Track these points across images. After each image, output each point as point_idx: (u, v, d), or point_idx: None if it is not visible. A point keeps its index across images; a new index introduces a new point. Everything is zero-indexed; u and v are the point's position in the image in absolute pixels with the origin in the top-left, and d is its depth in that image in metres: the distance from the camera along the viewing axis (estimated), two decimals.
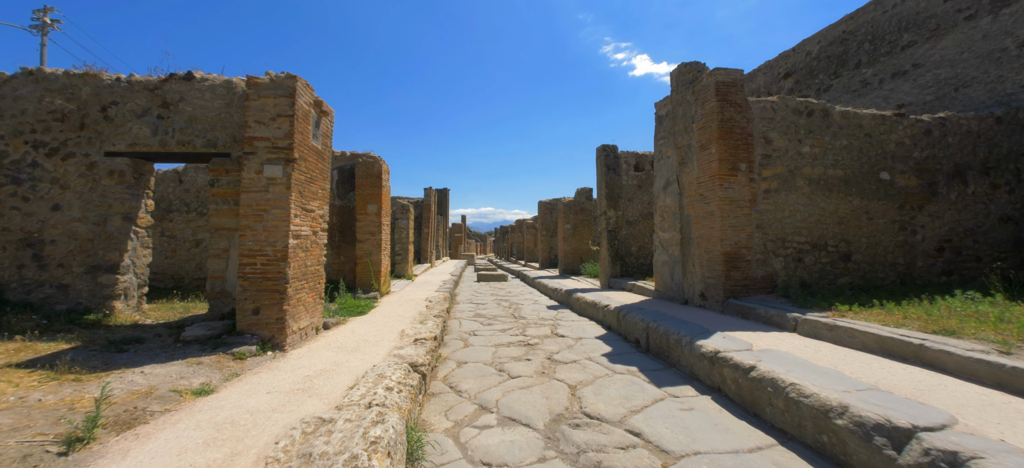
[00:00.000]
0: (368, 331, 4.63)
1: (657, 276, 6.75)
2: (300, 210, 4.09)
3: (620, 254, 9.00)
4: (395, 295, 7.65)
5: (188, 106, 4.43)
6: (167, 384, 2.85)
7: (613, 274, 8.88)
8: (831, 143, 5.56)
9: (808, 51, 10.13)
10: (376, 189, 7.44)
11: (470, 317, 6.81)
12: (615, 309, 5.61)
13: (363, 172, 7.42)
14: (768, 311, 4.40)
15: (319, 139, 4.54)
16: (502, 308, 7.73)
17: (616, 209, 9.09)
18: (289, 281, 3.87)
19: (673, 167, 6.31)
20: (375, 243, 7.40)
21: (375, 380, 2.82)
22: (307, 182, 4.24)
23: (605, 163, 9.12)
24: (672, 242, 6.32)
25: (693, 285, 5.76)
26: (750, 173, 5.30)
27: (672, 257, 6.32)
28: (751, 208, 5.28)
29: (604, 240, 9.10)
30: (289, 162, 3.89)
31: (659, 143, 6.79)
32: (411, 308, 6.18)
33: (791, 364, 3.04)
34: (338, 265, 7.71)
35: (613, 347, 4.68)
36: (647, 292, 7.07)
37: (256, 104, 3.90)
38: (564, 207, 13.12)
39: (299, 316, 4.09)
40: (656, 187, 6.87)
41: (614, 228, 9.06)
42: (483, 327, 5.99)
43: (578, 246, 13.07)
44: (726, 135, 5.23)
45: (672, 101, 6.28)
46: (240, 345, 3.65)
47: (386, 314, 5.69)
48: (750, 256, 5.23)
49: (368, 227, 7.39)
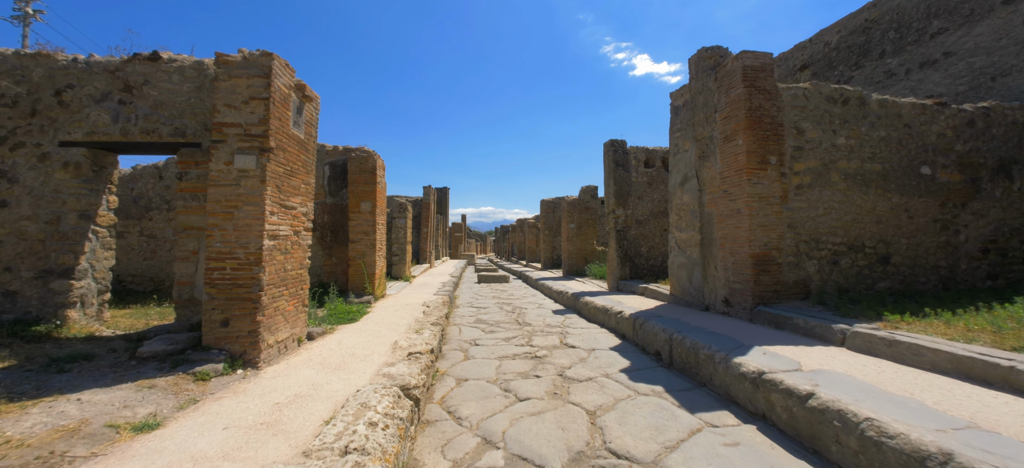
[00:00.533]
0: (357, 343, 4.13)
1: (673, 279, 6.25)
2: (278, 207, 3.59)
3: (629, 255, 8.50)
4: (391, 299, 7.15)
5: (153, 90, 3.93)
6: (104, 416, 2.35)
7: (622, 276, 8.38)
8: (868, 134, 5.06)
9: (826, 42, 9.62)
10: (370, 186, 6.93)
11: (471, 323, 6.31)
12: (630, 317, 5.10)
13: (356, 168, 6.92)
14: (808, 321, 3.90)
15: (301, 127, 4.03)
16: (505, 313, 7.23)
17: (625, 207, 8.59)
18: (264, 288, 3.37)
19: (692, 161, 5.81)
20: (369, 243, 6.90)
21: (356, 412, 2.32)
22: (287, 175, 3.74)
23: (613, 159, 8.62)
24: (690, 243, 5.82)
25: (715, 290, 5.25)
26: (780, 167, 4.80)
27: (690, 259, 5.82)
28: (782, 205, 4.78)
29: (612, 240, 8.60)
30: (264, 152, 3.39)
31: (675, 136, 6.28)
32: (407, 314, 5.68)
33: (857, 390, 2.54)
34: (330, 267, 7.21)
35: (631, 361, 4.18)
36: (661, 296, 6.57)
37: (226, 85, 3.40)
38: (568, 206, 12.62)
39: (277, 327, 3.59)
40: (672, 183, 6.37)
41: (623, 228, 8.56)
42: (485, 335, 5.49)
43: (583, 246, 12.57)
44: (754, 125, 4.73)
45: (690, 90, 5.78)
46: (205, 362, 3.15)
47: (379, 322, 5.19)
48: (781, 259, 4.73)
49: (362, 226, 6.89)
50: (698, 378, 3.59)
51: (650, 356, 4.37)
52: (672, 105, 6.41)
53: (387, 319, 5.35)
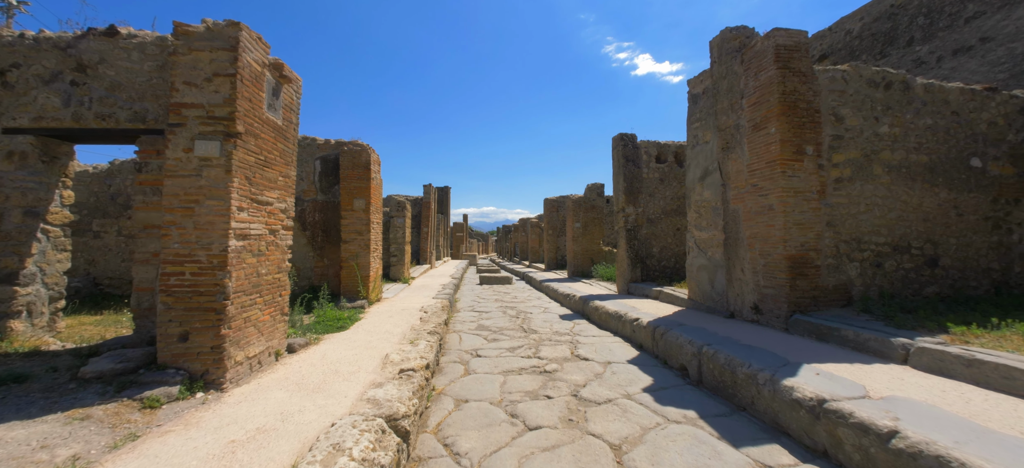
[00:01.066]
0: (343, 356, 3.64)
1: (691, 283, 5.74)
2: (248, 201, 3.11)
3: (640, 256, 8.00)
4: (387, 303, 6.67)
5: (110, 69, 3.45)
6: (10, 463, 1.87)
7: (632, 278, 7.88)
8: (913, 122, 4.55)
9: (848, 30, 9.09)
10: (364, 182, 6.45)
11: (472, 330, 5.82)
12: (649, 325, 4.60)
13: (349, 162, 6.44)
14: (859, 333, 3.39)
15: (279, 112, 3.55)
16: (508, 318, 6.74)
17: (635, 205, 8.09)
18: (230, 296, 2.88)
19: (713, 154, 5.30)
20: (363, 244, 6.41)
21: (326, 459, 1.83)
22: (260, 166, 3.25)
23: (623, 154, 8.12)
24: (712, 243, 5.31)
25: (742, 295, 4.75)
26: (818, 158, 4.29)
27: (712, 261, 5.31)
28: (820, 201, 4.27)
29: (622, 240, 8.10)
30: (230, 137, 2.91)
31: (693, 127, 5.78)
32: (402, 321, 5.19)
33: (951, 427, 2.04)
34: (321, 269, 6.73)
35: (654, 378, 3.68)
36: (678, 301, 6.06)
37: (186, 60, 2.91)
38: (573, 204, 12.12)
39: (247, 341, 3.11)
40: (690, 178, 5.86)
41: (633, 227, 8.06)
42: (488, 344, 5.00)
43: (589, 246, 12.07)
44: (789, 111, 4.22)
45: (712, 75, 5.27)
46: (158, 384, 2.67)
47: (371, 330, 4.71)
48: (819, 261, 4.22)
49: (354, 225, 6.41)
50: (735, 400, 3.09)
51: (674, 371, 3.87)
52: (690, 93, 5.90)
53: (380, 327, 4.86)
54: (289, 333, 4.20)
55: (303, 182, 6.76)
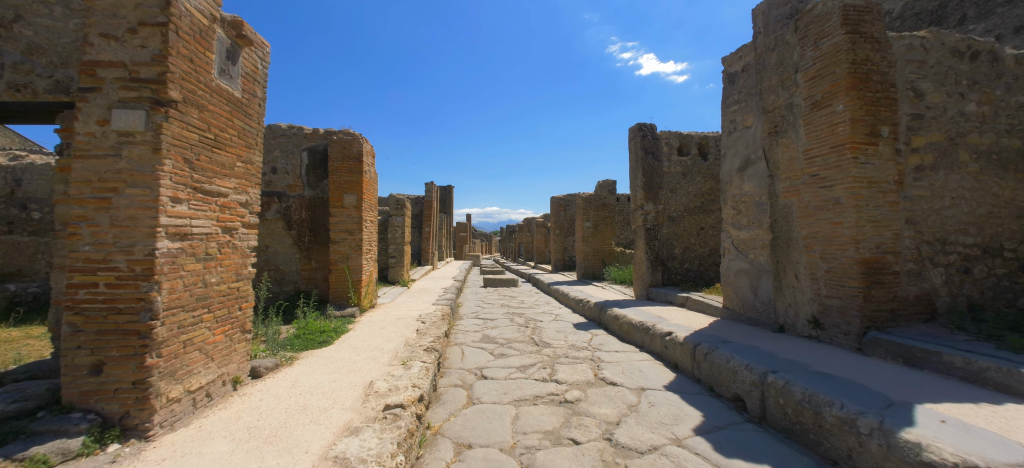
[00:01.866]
0: (319, 383, 2.95)
1: (727, 289, 5.01)
2: (189, 191, 2.42)
3: (660, 257, 7.27)
4: (381, 310, 5.98)
5: (28, 29, 2.77)
6: None
7: (652, 282, 7.15)
8: (1004, 99, 3.80)
9: (888, 10, 8.31)
10: (355, 175, 5.76)
11: (476, 342, 5.12)
12: (687, 342, 3.88)
13: (338, 153, 5.75)
14: (971, 361, 2.65)
15: (236, 82, 2.85)
16: (516, 326, 6.03)
17: (655, 202, 7.36)
18: (160, 314, 2.19)
19: (757, 139, 4.57)
20: (353, 244, 5.72)
21: None
22: (207, 146, 2.56)
23: (641, 146, 7.39)
24: (755, 244, 4.58)
25: (796, 305, 4.02)
26: (894, 142, 3.56)
27: (754, 264, 4.58)
28: (898, 194, 3.54)
29: (640, 240, 7.37)
30: (161, 105, 2.21)
31: (730, 111, 5.04)
32: (396, 333, 4.49)
33: None
34: (308, 273, 6.05)
35: (704, 413, 2.96)
36: (710, 310, 5.33)
37: (104, 4, 2.23)
38: (583, 202, 11.39)
39: (189, 370, 2.42)
40: (725, 170, 5.13)
41: (653, 226, 7.32)
42: (494, 361, 4.30)
43: (599, 247, 11.34)
44: (860, 84, 3.49)
45: (756, 48, 4.54)
46: (55, 435, 1.99)
47: (358, 346, 4.02)
48: (898, 265, 3.49)
49: (345, 224, 5.72)
50: (821, 450, 2.36)
51: (725, 402, 3.15)
52: (725, 72, 5.17)
53: (370, 341, 4.16)
54: (257, 352, 3.52)
55: (289, 176, 6.09)
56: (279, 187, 6.06)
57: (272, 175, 6.06)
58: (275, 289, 5.98)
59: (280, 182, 6.06)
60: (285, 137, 6.09)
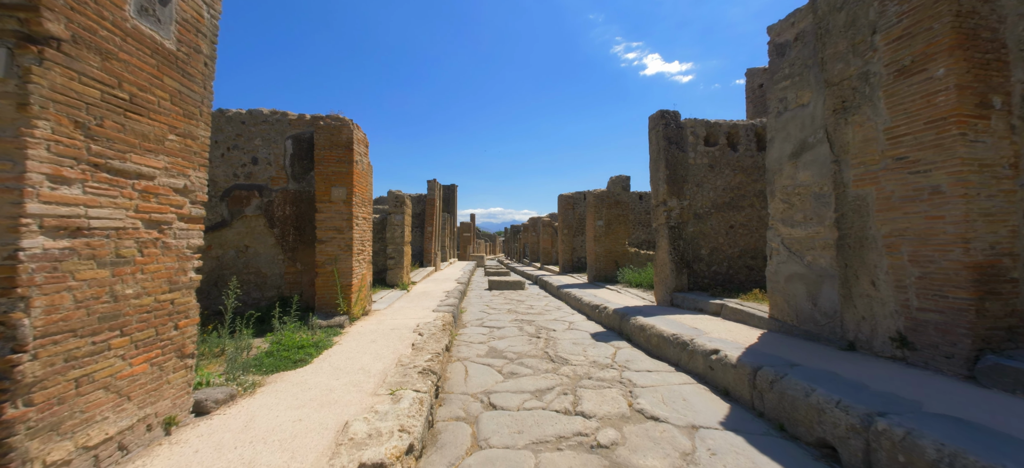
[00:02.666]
0: (277, 425, 2.27)
1: (776, 297, 4.29)
2: (85, 168, 1.74)
3: (686, 259, 6.54)
4: (374, 319, 5.30)
5: None
6: None
7: (677, 287, 6.42)
8: None
9: None
10: (344, 165, 5.08)
11: (482, 356, 4.43)
12: (744, 365, 3.17)
13: (325, 141, 5.07)
14: None
15: (168, 29, 2.17)
16: (527, 337, 5.34)
17: (680, 197, 6.63)
18: (30, 343, 1.52)
19: (817, 119, 3.85)
20: (342, 244, 5.04)
21: None
22: (118, 109, 1.88)
23: (664, 135, 6.67)
24: (814, 243, 3.86)
25: (875, 319, 3.29)
26: (1008, 116, 2.83)
27: (813, 268, 3.86)
28: (1015, 180, 2.81)
29: (663, 240, 6.65)
30: (33, 43, 1.54)
31: (779, 87, 4.32)
32: (389, 348, 3.81)
33: None
34: (293, 276, 5.38)
35: (784, 466, 2.24)
36: (753, 320, 4.61)
37: None
38: (595, 199, 10.68)
39: (85, 419, 1.74)
40: (773, 157, 4.40)
41: (677, 223, 6.60)
42: (503, 383, 3.60)
43: (612, 247, 10.62)
44: (967, 42, 2.77)
45: (816, 9, 3.81)
46: None
47: (341, 366, 3.33)
48: (1016, 271, 2.76)
49: (332, 221, 5.05)
50: None
51: (807, 449, 2.43)
52: (772, 43, 4.44)
53: (355, 360, 3.48)
54: (210, 379, 2.84)
55: (271, 167, 5.42)
56: (260, 180, 5.39)
57: (252, 166, 5.39)
58: (255, 294, 5.32)
59: (262, 174, 5.40)
60: (267, 124, 5.42)
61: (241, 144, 5.39)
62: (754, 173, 6.86)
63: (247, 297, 5.31)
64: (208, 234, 5.22)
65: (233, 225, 5.34)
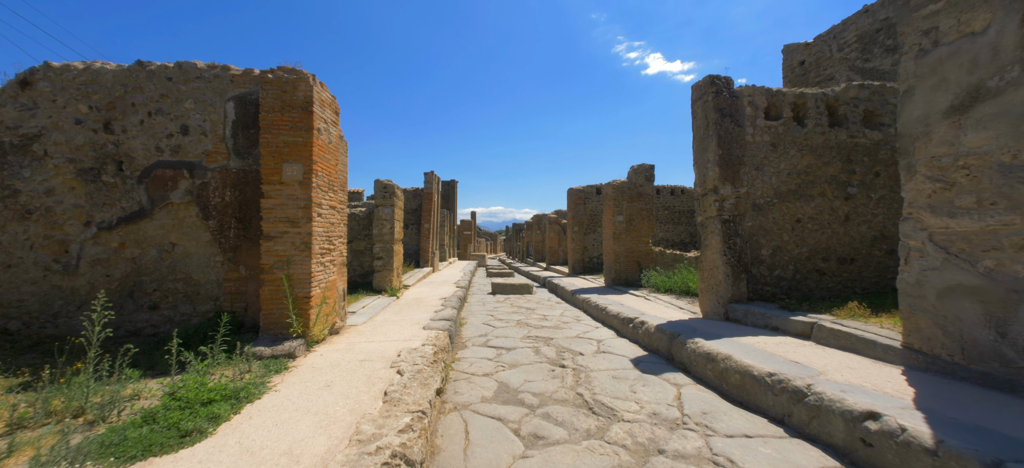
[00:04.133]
0: None
1: (922, 319, 2.94)
2: None
3: (743, 261, 5.19)
4: (345, 339, 3.95)
5: None
6: None
7: (733, 296, 5.07)
8: None
9: None
10: (301, 134, 3.73)
11: (488, 401, 3.09)
12: (952, 451, 1.81)
13: (274, 101, 3.71)
14: None
15: None
16: (547, 364, 4.00)
17: (735, 183, 5.28)
18: None
19: (1002, 53, 2.50)
20: (297, 241, 3.69)
21: None
22: None
23: (715, 106, 5.31)
24: (1000, 242, 2.51)
25: None
26: None
27: (996, 278, 2.51)
28: None
29: (714, 237, 5.30)
30: None
31: (927, 13, 2.96)
32: (347, 402, 2.46)
33: None
34: (235, 284, 4.04)
35: None
36: (874, 349, 3.26)
37: None
38: (614, 192, 9.32)
39: None
40: (914, 116, 3.05)
41: (732, 216, 5.25)
42: (526, 461, 2.26)
43: (634, 246, 9.27)
44: None
45: None
46: None
47: (254, 448, 1.98)
48: None
49: (284, 209, 3.69)
50: None
51: None
52: None
53: (284, 432, 2.12)
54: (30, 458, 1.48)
55: (207, 139, 4.07)
56: (192, 155, 4.04)
57: (182, 137, 4.04)
58: (184, 309, 3.97)
59: (194, 148, 4.05)
60: (202, 81, 4.07)
61: (166, 108, 4.04)
62: (825, 154, 5.50)
63: (173, 313, 3.97)
64: (119, 228, 3.87)
65: (154, 216, 3.99)
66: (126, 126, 4.00)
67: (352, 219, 8.13)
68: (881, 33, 8.26)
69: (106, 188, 3.96)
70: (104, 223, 3.93)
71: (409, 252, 14.49)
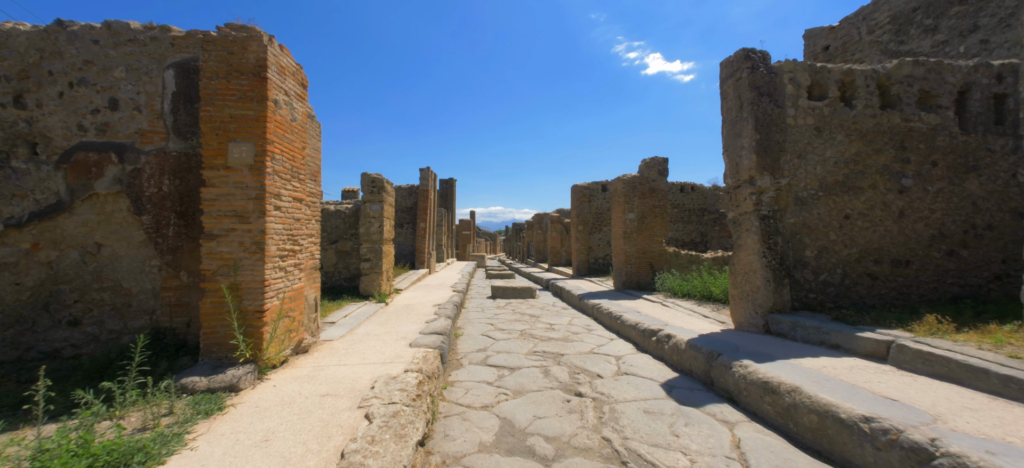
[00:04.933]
0: None
1: None
2: None
3: (786, 264, 4.45)
4: (309, 362, 3.20)
5: None
6: None
7: (775, 304, 4.33)
8: None
9: None
10: (252, 107, 2.97)
11: (486, 450, 2.35)
12: None
13: (218, 65, 2.95)
14: None
15: None
16: (560, 392, 3.26)
17: (775, 173, 4.54)
18: None
19: None
20: (247, 241, 2.94)
21: None
22: None
23: (751, 83, 4.57)
24: None
25: None
26: None
27: None
28: None
29: (751, 235, 4.55)
30: None
31: None
32: (294, 457, 1.72)
33: None
34: (175, 294, 3.28)
35: None
36: (981, 376, 2.52)
37: None
38: (624, 187, 8.58)
39: None
40: None
41: (771, 212, 4.51)
42: None
43: (646, 246, 8.52)
44: None
45: None
46: None
47: None
48: None
49: (230, 200, 2.94)
50: None
51: None
52: None
53: None
54: None
55: (142, 115, 3.32)
56: (122, 135, 3.29)
57: (110, 113, 3.29)
58: (113, 324, 3.22)
59: (124, 125, 3.30)
60: (136, 45, 3.31)
61: (92, 77, 3.28)
62: (876, 140, 4.76)
63: (98, 330, 3.21)
64: (32, 224, 3.12)
65: (76, 210, 3.24)
66: (41, 100, 3.25)
67: (337, 217, 7.38)
68: (919, 12, 7.51)
69: (16, 176, 3.21)
70: (13, 219, 3.17)
71: (404, 253, 13.75)
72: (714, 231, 12.93)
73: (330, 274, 7.35)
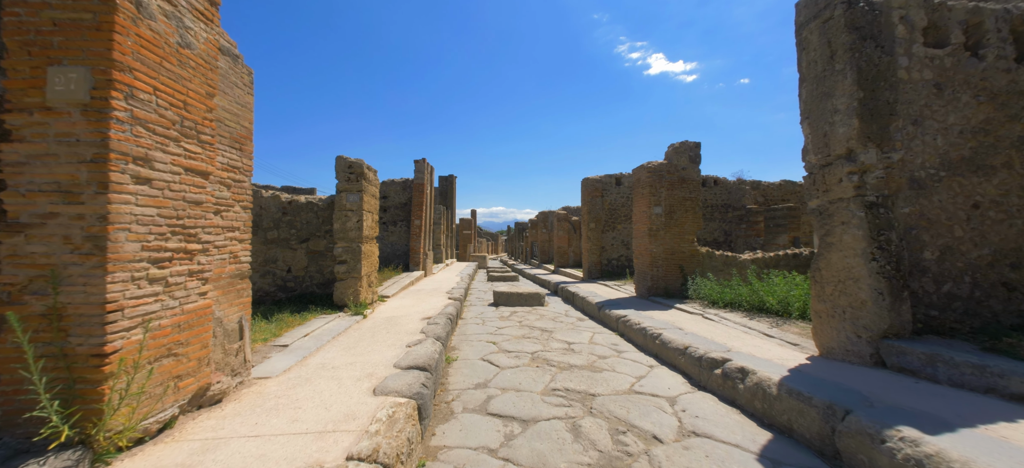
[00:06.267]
0: None
1: None
2: None
3: (900, 267, 3.22)
4: (213, 421, 1.98)
5: None
6: None
7: (891, 326, 3.10)
8: None
9: None
10: (94, 5, 1.75)
11: None
12: None
13: None
14: None
15: None
16: None
17: (883, 145, 3.32)
18: None
19: None
20: (78, 235, 1.72)
21: None
22: None
23: (847, 23, 3.35)
24: None
25: None
26: None
27: None
28: None
29: (850, 230, 3.33)
30: None
31: None
32: None
33: None
34: None
35: None
36: None
37: None
38: (649, 177, 7.34)
39: None
40: None
41: (880, 198, 3.29)
42: None
43: (676, 246, 7.29)
44: None
45: None
46: None
47: None
48: None
49: (50, 165, 1.72)
50: None
51: None
52: None
53: None
54: None
55: None
56: None
57: None
58: None
59: None
60: None
61: None
62: (1011, 103, 3.53)
63: None
64: None
65: None
66: None
67: (309, 210, 6.17)
68: None
69: None
70: None
71: (397, 253, 12.54)
72: (739, 229, 11.69)
73: (300, 279, 6.15)
